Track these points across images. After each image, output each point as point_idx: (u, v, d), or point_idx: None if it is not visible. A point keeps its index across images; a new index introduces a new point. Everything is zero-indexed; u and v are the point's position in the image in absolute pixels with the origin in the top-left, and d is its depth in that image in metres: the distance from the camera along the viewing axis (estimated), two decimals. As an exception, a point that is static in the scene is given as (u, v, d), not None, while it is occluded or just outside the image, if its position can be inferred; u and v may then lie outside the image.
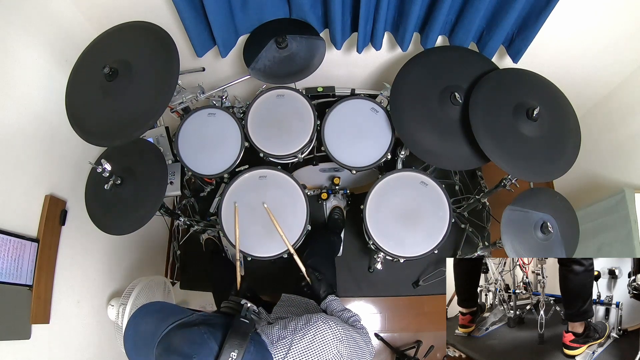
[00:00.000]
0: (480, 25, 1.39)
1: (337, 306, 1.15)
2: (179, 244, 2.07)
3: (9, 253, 1.09)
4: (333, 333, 0.86)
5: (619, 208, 1.47)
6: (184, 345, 0.70)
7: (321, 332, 0.86)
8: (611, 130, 1.75)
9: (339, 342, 0.87)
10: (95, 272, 1.56)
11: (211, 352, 0.71)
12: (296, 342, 0.84)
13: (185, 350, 0.70)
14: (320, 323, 0.87)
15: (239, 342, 0.73)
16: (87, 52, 1.25)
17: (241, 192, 1.41)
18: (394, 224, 1.35)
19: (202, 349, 0.71)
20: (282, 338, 0.85)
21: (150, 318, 0.78)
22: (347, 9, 1.36)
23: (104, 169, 1.16)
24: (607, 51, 1.50)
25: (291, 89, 1.53)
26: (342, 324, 0.91)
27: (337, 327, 0.88)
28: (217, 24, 1.34)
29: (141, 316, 0.80)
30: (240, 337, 0.74)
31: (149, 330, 0.75)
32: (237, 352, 0.71)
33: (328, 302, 1.17)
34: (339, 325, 0.89)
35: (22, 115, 1.20)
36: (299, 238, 1.36)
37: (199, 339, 0.72)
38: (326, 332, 0.86)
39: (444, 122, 1.33)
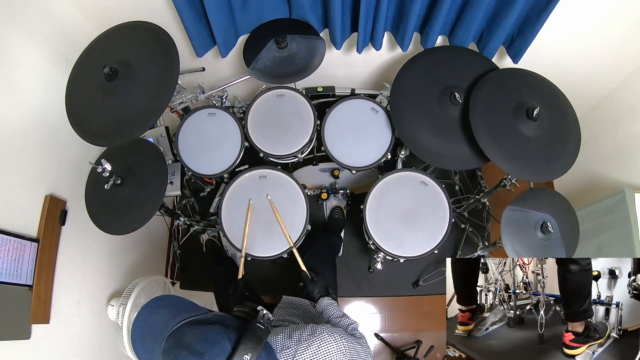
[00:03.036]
0: (480, 26, 1.39)
1: (335, 311, 1.13)
2: (179, 244, 2.08)
3: (9, 253, 1.09)
4: (338, 346, 0.85)
5: (619, 208, 1.47)
6: (195, 342, 0.69)
7: (326, 345, 0.85)
8: (611, 130, 1.75)
9: (343, 355, 0.86)
10: (95, 272, 1.56)
11: (223, 352, 0.69)
12: (300, 352, 0.83)
13: (196, 347, 0.68)
14: (326, 335, 0.86)
15: (253, 345, 0.71)
16: (87, 52, 1.25)
17: (241, 192, 1.41)
18: (394, 224, 1.35)
19: (214, 348, 0.69)
20: (286, 348, 0.85)
21: (164, 310, 0.76)
22: (347, 9, 1.36)
23: (104, 168, 1.16)
24: (607, 51, 1.50)
25: (291, 89, 1.53)
26: (346, 336, 0.90)
27: (341, 340, 0.87)
28: (217, 24, 1.34)
29: (154, 307, 0.78)
30: (254, 342, 0.72)
31: (160, 323, 0.73)
32: (249, 355, 0.70)
33: (324, 307, 1.16)
34: (344, 338, 0.88)
35: (22, 115, 1.20)
36: (299, 238, 1.36)
37: (213, 338, 0.70)
38: (331, 345, 0.85)
39: (443, 122, 1.33)
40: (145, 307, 0.78)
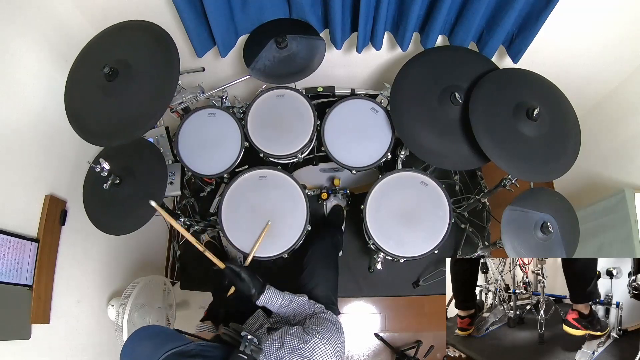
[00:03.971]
0: (480, 25, 1.39)
1: (280, 300, 1.11)
2: (179, 244, 2.07)
3: (9, 253, 1.09)
4: (332, 349, 0.88)
5: (619, 208, 1.47)
6: None
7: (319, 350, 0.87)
8: (611, 130, 1.75)
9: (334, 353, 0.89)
10: (95, 272, 1.56)
11: None
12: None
13: None
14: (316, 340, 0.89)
15: None
16: (86, 52, 1.25)
17: (241, 192, 1.41)
18: (394, 224, 1.35)
19: None
20: (280, 358, 0.86)
21: (148, 342, 0.78)
22: (347, 9, 1.36)
23: (103, 168, 1.15)
24: (607, 51, 1.50)
25: (291, 89, 1.53)
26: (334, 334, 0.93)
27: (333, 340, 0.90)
28: (217, 24, 1.34)
29: (138, 339, 0.80)
30: None
31: (145, 355, 0.74)
32: None
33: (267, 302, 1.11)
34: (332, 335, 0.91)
35: (22, 115, 1.20)
36: (299, 238, 1.36)
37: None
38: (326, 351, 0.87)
39: (444, 122, 1.33)
40: (130, 339, 0.80)
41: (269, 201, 1.39)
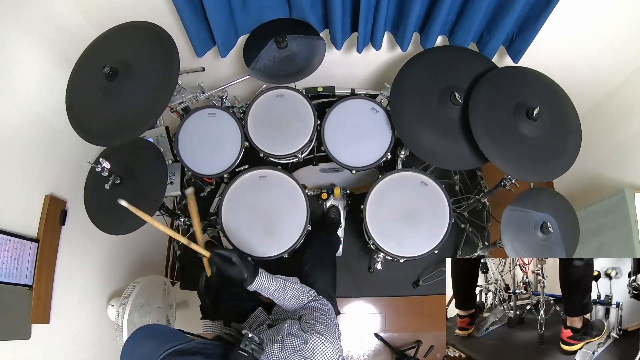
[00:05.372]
0: (480, 26, 1.39)
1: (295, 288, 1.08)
2: (179, 244, 2.07)
3: (9, 253, 1.09)
4: (332, 345, 0.88)
5: (619, 208, 1.47)
6: None
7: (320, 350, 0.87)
8: (611, 130, 1.75)
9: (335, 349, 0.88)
10: (95, 272, 1.56)
11: None
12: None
13: None
14: (315, 339, 0.88)
15: None
16: (87, 52, 1.25)
17: (241, 192, 1.41)
18: (394, 224, 1.35)
19: None
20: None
21: (148, 341, 0.78)
22: (347, 9, 1.36)
23: (103, 167, 1.16)
24: (607, 51, 1.50)
25: (291, 89, 1.53)
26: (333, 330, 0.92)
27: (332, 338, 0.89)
28: (217, 24, 1.34)
29: (139, 338, 0.80)
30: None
31: (146, 354, 0.75)
32: None
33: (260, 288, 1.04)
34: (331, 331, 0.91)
35: (23, 115, 1.20)
36: (299, 238, 1.36)
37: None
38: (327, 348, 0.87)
39: (444, 122, 1.33)
40: (131, 338, 0.80)
41: (269, 201, 1.39)
